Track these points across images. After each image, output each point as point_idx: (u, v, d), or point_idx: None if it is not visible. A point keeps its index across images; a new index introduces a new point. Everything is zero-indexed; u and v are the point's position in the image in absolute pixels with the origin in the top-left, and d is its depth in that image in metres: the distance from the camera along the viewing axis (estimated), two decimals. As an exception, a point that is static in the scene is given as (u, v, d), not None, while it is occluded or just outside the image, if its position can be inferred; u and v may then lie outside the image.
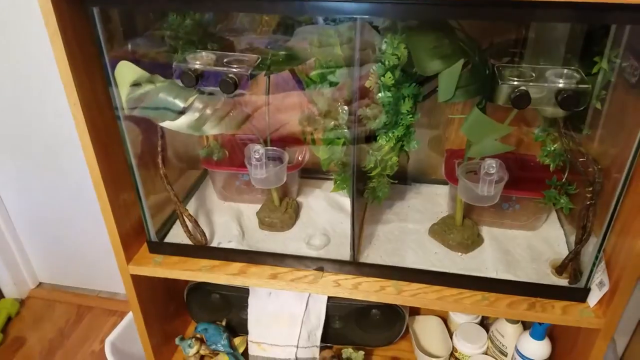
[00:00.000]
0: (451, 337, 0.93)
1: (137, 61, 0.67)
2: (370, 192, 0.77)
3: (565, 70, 0.60)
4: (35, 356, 1.21)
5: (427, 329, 0.97)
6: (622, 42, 0.60)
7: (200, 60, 0.65)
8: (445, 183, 0.88)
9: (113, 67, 0.65)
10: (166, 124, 0.70)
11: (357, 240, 0.75)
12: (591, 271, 0.68)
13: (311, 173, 0.93)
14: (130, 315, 1.08)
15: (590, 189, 0.66)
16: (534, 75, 0.60)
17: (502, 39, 0.70)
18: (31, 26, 0.98)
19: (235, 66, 0.65)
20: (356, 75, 0.63)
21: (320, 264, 0.75)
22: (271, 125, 0.81)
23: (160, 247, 0.80)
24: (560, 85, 0.58)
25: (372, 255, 0.76)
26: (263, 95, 0.79)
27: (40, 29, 0.59)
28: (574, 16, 0.53)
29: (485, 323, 0.95)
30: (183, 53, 0.68)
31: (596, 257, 0.67)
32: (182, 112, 0.70)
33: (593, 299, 0.69)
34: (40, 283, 1.43)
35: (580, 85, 0.58)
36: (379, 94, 0.64)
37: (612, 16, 0.52)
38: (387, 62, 0.61)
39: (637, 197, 0.60)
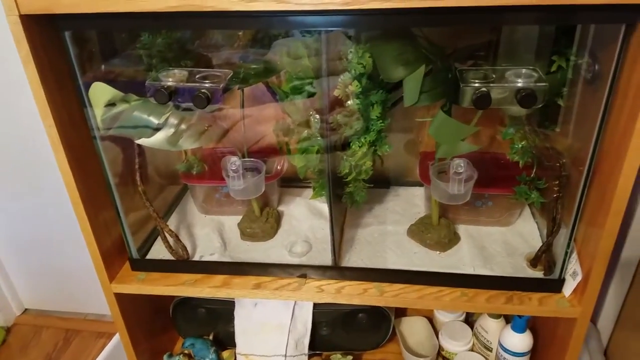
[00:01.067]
0: (437, 336, 0.95)
1: (111, 81, 0.68)
2: (348, 197, 0.79)
3: (524, 70, 0.62)
4: (23, 384, 1.19)
5: (413, 330, 0.98)
6: (579, 41, 0.63)
7: (172, 77, 0.67)
8: (422, 184, 0.90)
9: (87, 88, 0.66)
10: (142, 141, 0.71)
11: (337, 245, 0.77)
12: (564, 262, 0.70)
13: (290, 182, 0.94)
14: (117, 336, 1.08)
15: (557, 182, 0.68)
16: (494, 76, 0.63)
17: (465, 44, 0.73)
18: (2, 50, 0.98)
19: (207, 82, 0.66)
20: (325, 85, 0.65)
21: (303, 271, 0.77)
22: (248, 137, 0.82)
23: (143, 264, 0.80)
24: (519, 84, 0.61)
25: (353, 258, 0.78)
26: (238, 108, 0.80)
27: (13, 52, 0.60)
28: (535, 18, 0.56)
29: (469, 320, 0.97)
30: (157, 71, 0.69)
31: (568, 248, 0.69)
32: (157, 129, 0.71)
33: (568, 288, 0.71)
34: (26, 309, 1.41)
35: (538, 84, 0.61)
36: (349, 102, 0.66)
37: (575, 17, 0.55)
38: (353, 71, 0.63)
39: (601, 188, 0.63)
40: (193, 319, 0.93)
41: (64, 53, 0.63)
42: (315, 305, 0.88)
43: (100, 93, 0.67)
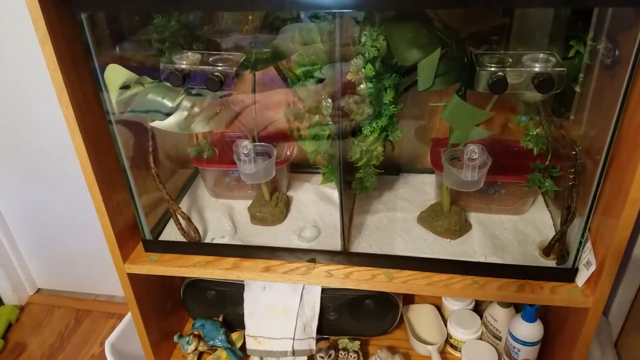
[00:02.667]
0: (445, 324, 0.94)
1: (125, 64, 0.68)
2: (357, 183, 0.79)
3: (542, 55, 0.61)
4: (36, 361, 1.22)
5: (421, 317, 0.98)
6: (597, 25, 0.62)
7: (186, 60, 0.67)
8: (432, 172, 0.89)
9: (101, 71, 0.66)
10: (156, 124, 0.71)
11: (347, 231, 0.77)
12: (578, 251, 0.70)
13: (300, 167, 0.94)
14: (128, 316, 1.09)
15: (572, 170, 0.67)
16: (511, 60, 0.61)
17: (480, 28, 0.71)
18: (21, 33, 0.99)
19: (220, 65, 0.66)
20: (338, 69, 0.64)
21: (312, 256, 0.77)
22: (259, 122, 0.82)
23: (155, 246, 0.81)
24: (537, 69, 0.60)
25: (362, 244, 0.78)
26: (250, 93, 0.80)
27: (30, 34, 0.60)
28: (554, 1, 0.55)
29: (478, 309, 0.97)
30: (170, 54, 0.69)
31: (582, 237, 0.69)
32: (170, 112, 0.71)
33: (581, 278, 0.70)
34: (38, 289, 1.44)
35: (556, 69, 0.59)
36: (361, 86, 0.65)
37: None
38: (367, 54, 0.63)
39: (617, 177, 0.62)
40: (203, 300, 0.94)
41: (79, 35, 0.63)
42: (323, 290, 0.89)
43: (115, 75, 0.67)
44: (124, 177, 0.75)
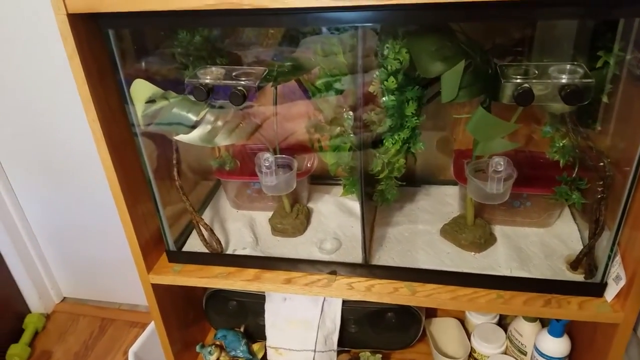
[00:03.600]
0: (469, 338, 0.93)
1: (150, 78, 0.70)
2: (379, 195, 0.78)
3: (569, 66, 0.60)
4: (62, 369, 1.25)
5: (444, 331, 0.97)
6: (626, 35, 0.61)
7: (210, 75, 0.68)
8: (454, 183, 0.88)
9: (127, 85, 0.68)
10: (180, 137, 0.73)
11: (368, 243, 0.76)
12: (606, 265, 0.68)
13: (321, 179, 0.94)
14: (151, 326, 1.11)
15: (601, 182, 0.66)
16: (537, 72, 0.61)
17: (504, 39, 0.71)
18: (50, 47, 1.02)
19: (243, 79, 0.67)
20: (360, 82, 0.64)
21: (332, 268, 0.77)
22: (280, 134, 0.83)
23: (179, 256, 0.82)
24: (564, 80, 0.59)
25: (383, 257, 0.77)
26: (271, 105, 0.81)
27: (59, 49, 0.62)
28: (578, 13, 0.54)
29: (503, 323, 0.95)
30: (193, 69, 0.71)
31: (611, 251, 0.67)
32: (194, 126, 0.72)
33: (610, 293, 0.68)
34: (64, 298, 1.47)
35: (584, 80, 0.58)
36: (383, 98, 0.65)
37: (620, 11, 0.53)
38: (389, 67, 0.63)
39: (649, 190, 0.60)
40: (225, 311, 0.95)
41: (106, 50, 0.65)
42: (343, 302, 0.88)
43: (141, 89, 0.69)
44: (149, 189, 0.76)
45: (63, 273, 1.42)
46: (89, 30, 0.63)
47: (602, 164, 0.65)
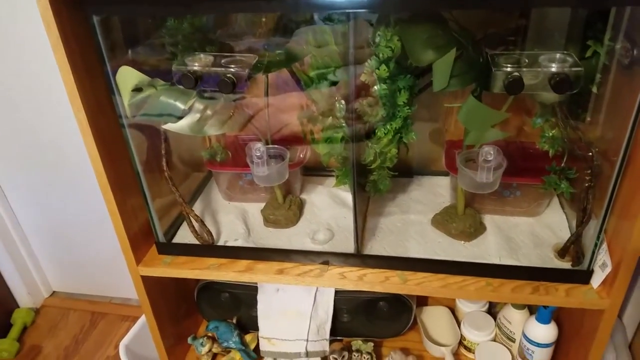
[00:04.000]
0: (459, 326, 0.94)
1: (138, 68, 0.69)
2: (371, 185, 0.79)
3: (558, 55, 0.61)
4: (51, 363, 1.24)
5: (435, 319, 0.98)
6: (615, 25, 0.61)
7: (198, 62, 0.67)
8: (446, 174, 0.89)
9: (115, 74, 0.67)
10: (169, 126, 0.72)
11: (360, 233, 0.77)
12: (593, 253, 0.69)
13: (313, 170, 0.94)
14: (143, 319, 1.10)
15: (589, 171, 0.67)
16: (527, 61, 0.61)
17: (496, 29, 0.71)
18: (35, 39, 1.00)
19: (233, 66, 0.66)
20: (352, 71, 0.64)
21: (325, 258, 0.77)
22: (272, 125, 0.82)
23: (169, 248, 0.81)
24: (553, 69, 0.59)
25: (375, 247, 0.77)
26: (263, 96, 0.80)
27: (43, 40, 0.61)
28: (570, 1, 0.54)
29: (492, 311, 0.96)
30: (182, 57, 0.70)
31: (597, 239, 0.68)
32: (183, 115, 0.71)
33: (596, 280, 0.70)
34: (54, 292, 1.45)
35: (573, 69, 0.59)
36: (375, 87, 0.65)
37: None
38: (381, 55, 0.62)
39: (635, 179, 0.61)
40: (217, 303, 0.95)
41: (92, 39, 0.63)
42: (336, 292, 0.89)
43: (127, 77, 0.67)
44: (138, 181, 0.75)
45: (52, 267, 1.41)
46: (73, 18, 0.61)
47: (590, 153, 0.66)
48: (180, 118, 0.71)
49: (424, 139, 0.90)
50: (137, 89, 0.69)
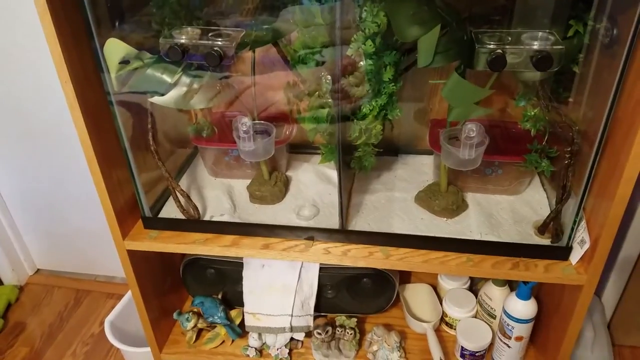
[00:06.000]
0: (441, 303, 0.96)
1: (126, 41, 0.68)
2: (356, 162, 0.79)
3: (540, 33, 0.62)
4: (36, 340, 1.24)
5: (417, 296, 1.00)
6: (599, 5, 0.62)
7: (185, 35, 0.67)
8: (431, 153, 0.90)
9: (102, 48, 0.66)
10: (155, 99, 0.71)
11: (345, 210, 0.78)
12: (572, 229, 0.71)
13: (299, 148, 0.95)
14: (127, 295, 1.11)
15: (569, 149, 0.68)
16: (510, 39, 0.62)
17: (481, 7, 0.71)
18: (23, 10, 0.98)
19: (220, 40, 0.66)
20: (339, 49, 0.64)
21: (310, 234, 0.78)
22: (259, 103, 0.82)
23: (155, 223, 0.81)
24: (535, 47, 0.60)
25: (360, 223, 0.78)
26: (249, 73, 0.80)
27: (30, 16, 0.60)
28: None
29: (473, 289, 0.98)
30: (169, 31, 0.69)
31: (576, 216, 0.70)
32: (169, 90, 0.71)
33: (575, 256, 0.72)
34: (38, 269, 1.45)
35: (555, 47, 0.60)
36: (361, 63, 0.66)
37: None
38: (367, 30, 0.63)
39: (613, 157, 0.63)
40: (202, 278, 0.95)
41: (80, 11, 0.63)
42: (320, 268, 0.90)
43: (114, 49, 0.67)
44: (124, 155, 0.75)
45: (37, 244, 1.40)
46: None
47: (570, 132, 0.67)
48: (166, 92, 0.71)
49: (409, 118, 0.91)
50: (125, 62, 0.69)
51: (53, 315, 1.30)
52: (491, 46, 0.60)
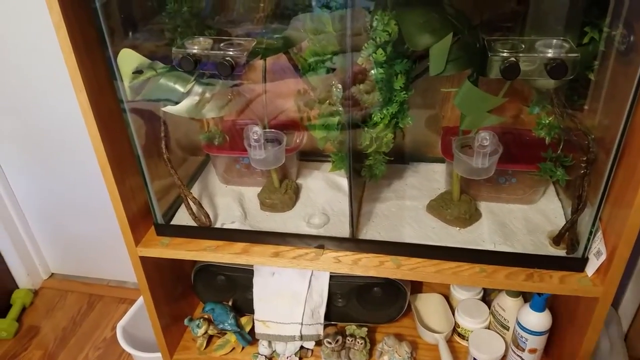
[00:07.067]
0: (453, 314, 0.95)
1: (138, 52, 0.69)
2: (367, 170, 0.79)
3: (555, 41, 0.61)
4: (49, 344, 1.25)
5: (429, 306, 0.98)
6: (614, 11, 0.61)
7: (198, 45, 0.68)
8: (442, 161, 0.89)
9: (115, 57, 0.67)
10: (168, 109, 0.72)
11: (355, 218, 0.77)
12: (588, 240, 0.69)
13: (310, 156, 0.95)
14: (139, 301, 1.12)
15: (585, 159, 0.67)
16: (523, 46, 0.61)
17: (493, 15, 0.71)
18: (37, 20, 1.01)
19: (231, 50, 0.67)
20: (349, 57, 0.64)
21: (320, 242, 0.77)
22: (269, 110, 0.83)
23: (167, 230, 0.82)
24: (550, 55, 0.59)
25: (370, 231, 0.78)
26: (260, 81, 0.81)
27: (46, 22, 0.61)
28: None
29: (486, 299, 0.97)
30: (182, 40, 0.70)
31: (592, 227, 0.68)
32: (182, 99, 0.72)
33: (591, 268, 0.70)
34: (52, 274, 1.47)
35: (570, 54, 0.59)
36: (372, 71, 0.65)
37: None
38: (378, 39, 0.62)
39: (630, 167, 0.61)
40: (213, 285, 0.96)
41: (93, 21, 0.64)
42: (331, 276, 0.89)
43: (128, 59, 0.68)
44: (137, 162, 0.76)
45: (51, 249, 1.42)
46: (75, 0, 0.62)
47: (586, 141, 0.66)
48: (179, 101, 0.72)
49: (420, 125, 0.90)
50: (138, 72, 0.70)
51: (66, 319, 1.32)
52: (504, 54, 0.60)
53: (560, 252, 0.73)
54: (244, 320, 0.95)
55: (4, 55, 1.08)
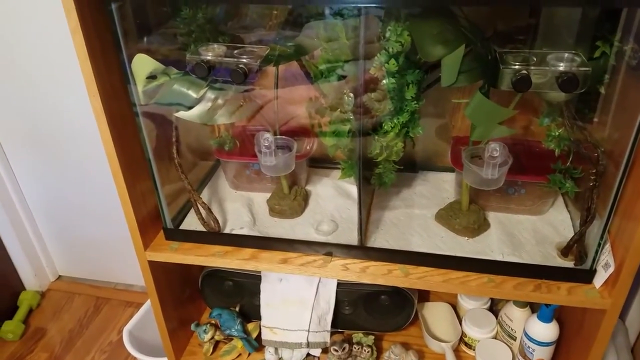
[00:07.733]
0: (460, 323, 0.95)
1: (152, 57, 0.70)
2: (376, 178, 0.79)
3: (566, 54, 0.61)
4: (55, 346, 1.26)
5: (436, 315, 0.98)
6: (625, 26, 0.61)
7: (211, 51, 0.68)
8: (452, 170, 0.90)
9: (130, 62, 0.68)
10: (181, 114, 0.73)
11: (364, 226, 0.77)
12: (596, 252, 0.69)
13: (319, 162, 0.95)
14: (146, 305, 1.12)
15: (594, 171, 0.67)
16: (535, 59, 0.61)
17: (506, 27, 0.71)
18: (50, 25, 1.02)
19: (245, 57, 0.67)
20: (361, 65, 0.65)
21: (328, 249, 0.78)
22: (280, 116, 0.83)
23: (176, 234, 0.83)
24: (561, 68, 0.60)
25: (379, 239, 0.78)
26: (272, 88, 0.82)
27: (59, 26, 0.62)
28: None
29: (494, 309, 0.96)
30: (196, 46, 0.71)
31: (601, 238, 0.68)
32: (194, 104, 0.73)
33: (599, 280, 0.70)
34: (59, 276, 1.48)
35: (581, 68, 0.59)
36: (384, 81, 0.66)
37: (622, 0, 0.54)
38: (390, 49, 0.63)
39: (639, 179, 0.62)
40: (220, 290, 0.96)
41: (109, 26, 0.65)
42: (338, 284, 0.90)
43: (142, 65, 0.69)
44: (148, 166, 0.76)
45: (59, 251, 1.43)
46: (92, 5, 0.63)
47: (596, 154, 0.66)
48: (191, 107, 0.72)
49: (430, 134, 0.91)
50: (152, 77, 0.71)
51: (73, 321, 1.32)
52: (516, 67, 0.60)
53: (569, 263, 0.73)
54: (250, 326, 0.95)
55: (15, 58, 1.10)
